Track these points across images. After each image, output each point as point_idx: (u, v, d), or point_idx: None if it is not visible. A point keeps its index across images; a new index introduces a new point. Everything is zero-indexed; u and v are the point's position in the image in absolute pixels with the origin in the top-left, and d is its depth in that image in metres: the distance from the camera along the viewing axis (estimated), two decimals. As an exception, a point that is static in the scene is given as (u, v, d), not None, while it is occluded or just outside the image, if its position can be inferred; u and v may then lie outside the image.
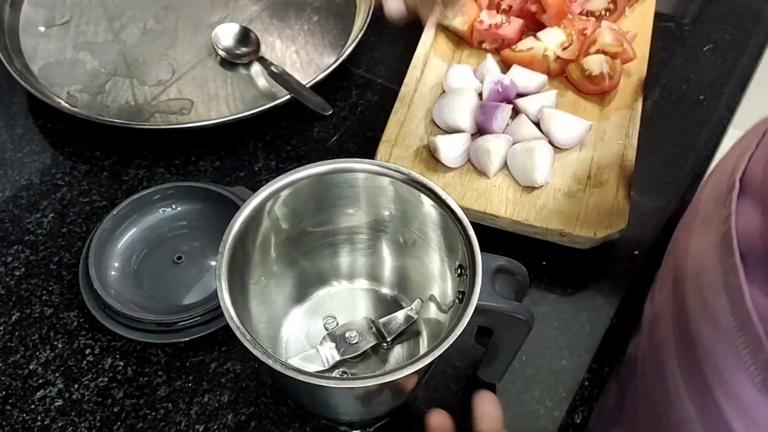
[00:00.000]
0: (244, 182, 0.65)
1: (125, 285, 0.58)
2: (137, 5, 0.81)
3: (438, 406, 0.54)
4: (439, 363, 0.55)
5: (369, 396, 0.44)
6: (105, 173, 0.67)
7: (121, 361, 0.55)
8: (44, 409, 0.53)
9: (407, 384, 0.46)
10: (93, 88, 0.72)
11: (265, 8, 0.81)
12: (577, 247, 0.60)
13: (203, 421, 0.52)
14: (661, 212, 0.66)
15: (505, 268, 0.44)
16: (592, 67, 0.68)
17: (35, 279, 0.59)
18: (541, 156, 0.61)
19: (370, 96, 0.74)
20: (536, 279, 0.60)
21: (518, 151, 0.62)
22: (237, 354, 0.55)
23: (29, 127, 0.71)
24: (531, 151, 0.61)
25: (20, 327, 0.57)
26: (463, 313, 0.39)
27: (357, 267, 0.54)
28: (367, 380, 0.38)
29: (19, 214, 0.64)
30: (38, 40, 0.77)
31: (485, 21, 0.72)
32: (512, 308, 0.43)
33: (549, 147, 0.62)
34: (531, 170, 0.61)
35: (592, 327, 0.58)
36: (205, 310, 0.54)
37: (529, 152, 0.61)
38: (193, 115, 0.70)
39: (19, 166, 0.67)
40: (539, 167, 0.60)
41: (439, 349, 0.38)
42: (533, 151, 0.61)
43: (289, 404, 0.53)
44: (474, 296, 0.40)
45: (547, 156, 0.61)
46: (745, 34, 0.81)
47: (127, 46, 0.77)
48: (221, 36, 0.76)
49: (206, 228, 0.61)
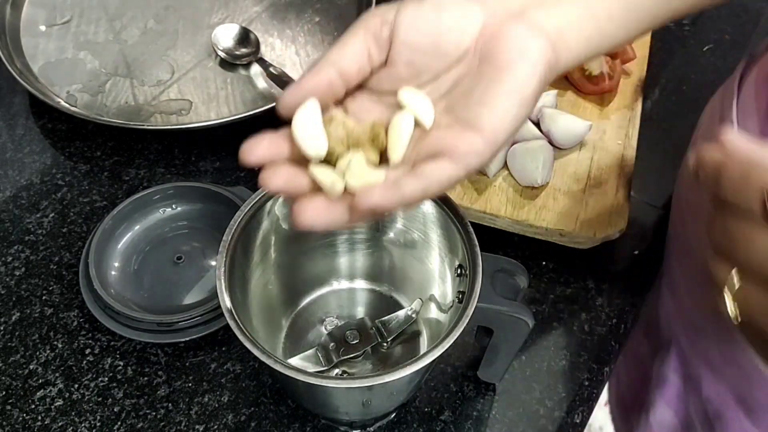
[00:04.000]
0: (244, 182, 0.65)
1: (125, 285, 0.58)
2: (138, 5, 0.81)
3: (438, 406, 0.54)
4: (439, 363, 0.55)
5: (368, 396, 0.44)
6: (105, 173, 0.67)
7: (121, 361, 0.55)
8: (44, 409, 0.53)
9: (407, 384, 0.46)
10: (93, 88, 0.73)
11: (266, 9, 0.81)
12: (577, 247, 0.60)
13: (203, 421, 0.52)
14: (661, 212, 0.66)
15: (505, 269, 0.44)
16: (592, 67, 0.68)
17: (35, 279, 0.59)
18: (540, 156, 0.61)
19: (370, 96, 0.74)
20: (536, 279, 0.60)
21: (518, 151, 0.62)
22: (237, 354, 0.55)
23: (29, 127, 0.71)
24: (531, 151, 0.61)
25: (20, 327, 0.57)
26: (462, 313, 0.40)
27: (357, 267, 0.54)
28: (366, 380, 0.38)
29: (19, 214, 0.64)
30: (39, 40, 0.77)
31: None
32: (512, 309, 0.43)
33: (549, 147, 0.62)
34: (531, 170, 0.61)
35: (592, 327, 0.58)
36: (205, 310, 0.54)
37: (529, 152, 0.61)
38: (193, 116, 0.70)
39: (19, 166, 0.67)
40: (539, 167, 0.60)
41: (438, 349, 0.38)
42: (533, 151, 0.61)
43: (289, 404, 0.53)
44: (474, 296, 0.40)
45: (546, 156, 0.61)
46: (745, 34, 0.81)
47: (127, 46, 0.77)
48: (221, 37, 0.76)
49: (206, 228, 0.61)
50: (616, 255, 0.62)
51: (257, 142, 0.34)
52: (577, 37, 0.35)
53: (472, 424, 0.53)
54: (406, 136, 0.33)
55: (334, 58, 0.33)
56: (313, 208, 0.32)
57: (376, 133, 0.33)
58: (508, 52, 0.33)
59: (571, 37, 0.35)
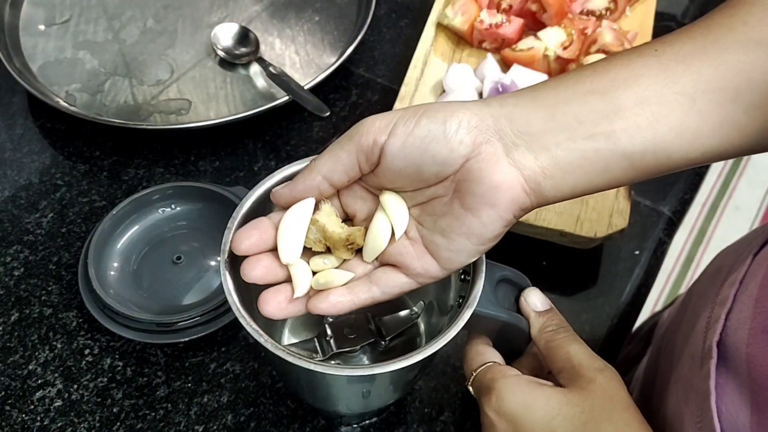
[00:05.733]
0: (244, 182, 0.65)
1: (125, 285, 0.58)
2: (137, 5, 0.81)
3: (438, 406, 0.54)
4: (439, 363, 0.55)
5: (364, 387, 0.44)
6: (104, 173, 0.67)
7: (121, 361, 0.55)
8: (43, 409, 0.53)
9: (400, 379, 0.46)
10: (92, 88, 0.72)
11: (266, 8, 0.81)
12: (577, 247, 0.60)
13: (203, 422, 0.52)
14: (661, 212, 0.66)
15: (508, 279, 0.44)
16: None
17: (34, 279, 0.59)
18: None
19: (370, 96, 0.74)
20: (536, 279, 0.60)
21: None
22: (236, 354, 0.55)
23: (28, 126, 0.70)
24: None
25: (19, 327, 0.57)
26: (459, 315, 0.39)
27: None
28: (360, 370, 0.39)
29: (18, 214, 0.63)
30: (38, 39, 0.77)
31: (485, 20, 0.72)
32: (511, 318, 0.43)
33: (549, 147, 0.62)
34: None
35: (592, 327, 0.58)
36: (204, 311, 0.54)
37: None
38: (193, 115, 0.70)
39: (18, 166, 0.67)
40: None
41: (428, 350, 0.38)
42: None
43: (289, 404, 0.53)
44: (473, 300, 0.40)
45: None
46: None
47: (126, 45, 0.77)
48: (220, 36, 0.76)
49: (206, 228, 0.61)
50: (616, 255, 0.62)
51: (247, 234, 0.38)
52: (562, 181, 0.35)
53: (472, 425, 0.53)
54: (380, 244, 0.38)
55: (326, 171, 0.37)
56: (275, 304, 0.38)
57: (352, 240, 0.38)
58: (479, 196, 0.35)
59: (557, 178, 0.35)
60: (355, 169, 0.37)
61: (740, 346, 0.36)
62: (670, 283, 1.66)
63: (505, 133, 0.35)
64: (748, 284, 0.39)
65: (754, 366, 0.35)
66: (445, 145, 0.35)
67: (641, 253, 0.63)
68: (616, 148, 0.35)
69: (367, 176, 0.38)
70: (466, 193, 0.36)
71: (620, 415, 0.37)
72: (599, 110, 0.35)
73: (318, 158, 0.38)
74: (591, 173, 0.35)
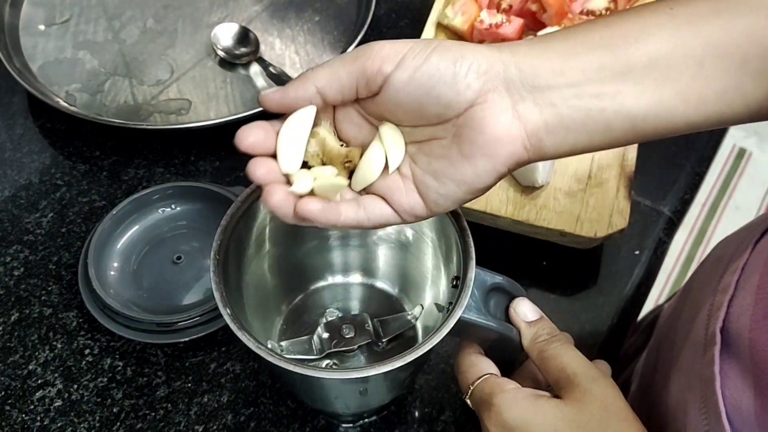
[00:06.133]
0: (244, 182, 0.65)
1: (125, 285, 0.58)
2: (137, 5, 0.81)
3: (438, 405, 0.54)
4: (440, 362, 0.55)
5: (359, 387, 0.44)
6: (104, 173, 0.67)
7: (121, 361, 0.55)
8: (43, 409, 0.53)
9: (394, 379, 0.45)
10: (92, 88, 0.72)
11: (266, 8, 0.81)
12: (577, 247, 0.60)
13: (203, 422, 0.52)
14: (661, 212, 0.65)
15: (502, 287, 0.44)
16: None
17: (34, 279, 0.59)
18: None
19: (370, 96, 0.74)
20: (536, 279, 0.60)
21: (518, 150, 0.62)
22: (236, 354, 0.55)
23: (28, 126, 0.70)
24: (531, 150, 0.61)
25: (19, 327, 0.57)
26: (445, 322, 0.39)
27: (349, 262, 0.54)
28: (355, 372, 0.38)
29: (18, 214, 0.63)
30: (38, 39, 0.77)
31: (485, 20, 0.72)
32: (501, 327, 0.42)
33: (549, 147, 0.62)
34: (531, 170, 0.60)
35: (592, 327, 0.58)
36: (204, 310, 0.54)
37: (529, 152, 0.61)
38: (192, 115, 0.70)
39: (18, 165, 0.67)
40: (539, 167, 0.60)
41: (408, 356, 0.38)
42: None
43: (289, 404, 0.53)
44: (459, 307, 0.39)
45: (547, 156, 0.61)
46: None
47: (126, 45, 0.77)
48: (220, 36, 0.76)
49: (206, 228, 0.61)
50: (617, 255, 0.62)
51: (251, 131, 0.36)
52: (563, 139, 0.35)
53: (473, 425, 0.53)
54: (372, 175, 0.37)
55: (322, 85, 0.35)
56: (284, 194, 0.35)
57: (350, 158, 0.37)
58: (478, 145, 0.34)
59: (559, 135, 0.35)
60: (353, 91, 0.35)
61: (743, 332, 0.36)
62: (670, 283, 1.66)
63: (513, 83, 0.34)
64: (749, 271, 0.39)
65: (757, 351, 0.35)
66: (452, 86, 0.34)
67: (641, 253, 0.63)
68: (621, 108, 0.34)
69: (366, 103, 0.36)
70: (465, 139, 0.35)
71: (616, 425, 0.37)
72: (609, 67, 0.34)
73: (315, 69, 0.35)
74: (593, 132, 0.35)
